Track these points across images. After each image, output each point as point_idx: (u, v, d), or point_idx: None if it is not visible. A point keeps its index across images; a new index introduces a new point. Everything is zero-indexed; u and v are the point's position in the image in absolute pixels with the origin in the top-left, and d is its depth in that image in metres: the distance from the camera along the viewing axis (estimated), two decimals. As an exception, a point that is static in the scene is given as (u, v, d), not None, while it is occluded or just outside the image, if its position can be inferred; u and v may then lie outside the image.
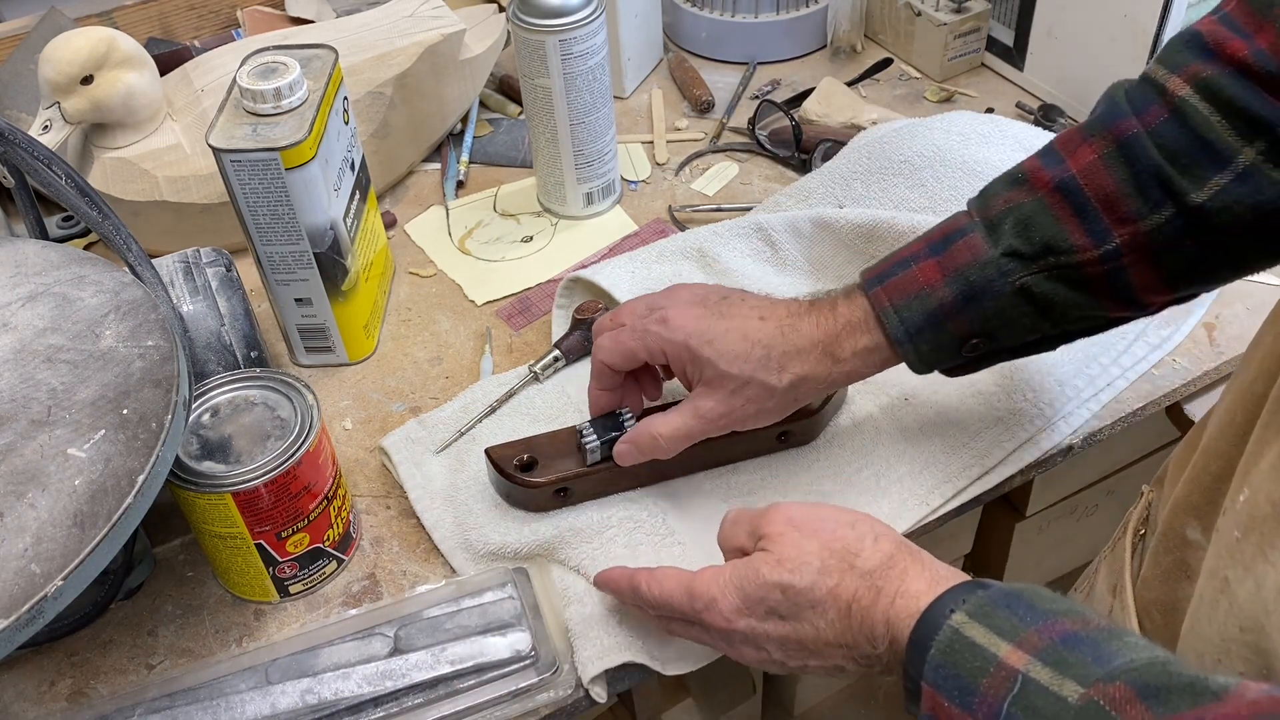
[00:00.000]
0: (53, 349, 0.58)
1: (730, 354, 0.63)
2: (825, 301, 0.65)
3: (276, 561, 0.66)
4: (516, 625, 0.65)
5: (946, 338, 0.62)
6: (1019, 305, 0.60)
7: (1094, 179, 0.58)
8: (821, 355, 0.64)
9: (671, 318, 0.65)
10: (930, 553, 0.55)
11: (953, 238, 0.62)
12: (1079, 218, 0.58)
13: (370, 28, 0.98)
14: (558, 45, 0.85)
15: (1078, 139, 0.60)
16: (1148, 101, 0.57)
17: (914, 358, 0.63)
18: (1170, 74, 0.57)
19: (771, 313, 0.65)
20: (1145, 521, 0.68)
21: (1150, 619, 0.62)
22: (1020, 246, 0.59)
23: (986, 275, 0.60)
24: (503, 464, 0.70)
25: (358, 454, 0.78)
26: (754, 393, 0.64)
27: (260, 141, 0.72)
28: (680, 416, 0.66)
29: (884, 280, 0.63)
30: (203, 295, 0.75)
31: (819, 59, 1.16)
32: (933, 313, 0.61)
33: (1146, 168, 0.57)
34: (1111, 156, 0.58)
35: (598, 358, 0.68)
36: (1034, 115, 1.04)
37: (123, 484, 0.53)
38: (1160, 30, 0.92)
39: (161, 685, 0.63)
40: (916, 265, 0.62)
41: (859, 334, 0.63)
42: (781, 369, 0.63)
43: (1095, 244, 0.58)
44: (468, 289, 0.91)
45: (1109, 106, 0.60)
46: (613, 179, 0.96)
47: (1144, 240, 0.58)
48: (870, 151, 0.88)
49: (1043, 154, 0.62)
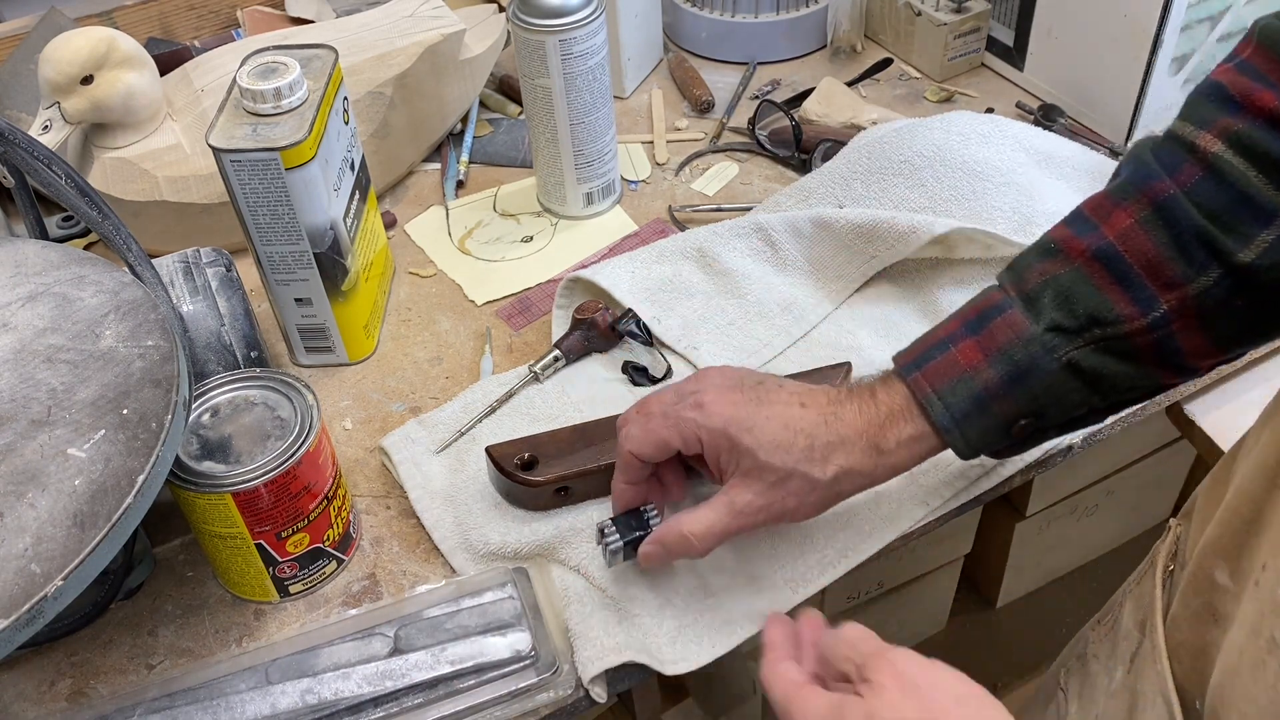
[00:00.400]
0: (53, 349, 0.58)
1: (771, 443, 0.59)
2: (864, 388, 0.62)
3: (276, 561, 0.66)
4: (516, 625, 0.65)
5: (994, 420, 0.59)
6: (1067, 381, 0.57)
7: (1133, 244, 0.56)
8: (866, 447, 0.60)
9: (708, 403, 0.61)
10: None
11: (989, 315, 0.59)
12: (1121, 286, 0.56)
13: (370, 28, 0.98)
14: (558, 45, 0.85)
15: (1109, 204, 0.57)
16: (1178, 160, 0.55)
17: (961, 444, 0.60)
18: (1199, 130, 0.55)
19: (812, 399, 0.61)
20: (1174, 557, 0.66)
21: (1179, 661, 0.60)
22: (1063, 320, 0.57)
23: (1031, 353, 0.57)
24: (503, 462, 0.70)
25: (358, 454, 0.78)
26: (796, 486, 0.60)
27: (260, 141, 0.72)
28: (713, 512, 0.61)
29: (922, 365, 0.60)
30: (203, 295, 0.75)
31: (819, 59, 1.16)
32: (978, 396, 0.58)
33: (1188, 229, 0.54)
34: (1149, 220, 0.55)
35: (625, 448, 0.63)
36: (1034, 115, 1.04)
37: (123, 484, 0.53)
38: (1160, 30, 0.92)
39: (161, 685, 0.63)
40: (955, 347, 0.59)
41: (902, 422, 0.60)
42: (826, 460, 0.59)
43: (1142, 312, 0.56)
44: (468, 289, 0.91)
45: (1136, 168, 0.57)
46: (613, 179, 0.96)
47: (1192, 304, 0.55)
48: (870, 151, 0.88)
49: (1071, 222, 0.59)
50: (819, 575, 0.68)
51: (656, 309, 0.82)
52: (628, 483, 0.65)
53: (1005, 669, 1.34)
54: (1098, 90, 1.00)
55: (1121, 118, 0.99)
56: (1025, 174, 0.84)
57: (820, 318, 0.83)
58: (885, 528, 0.70)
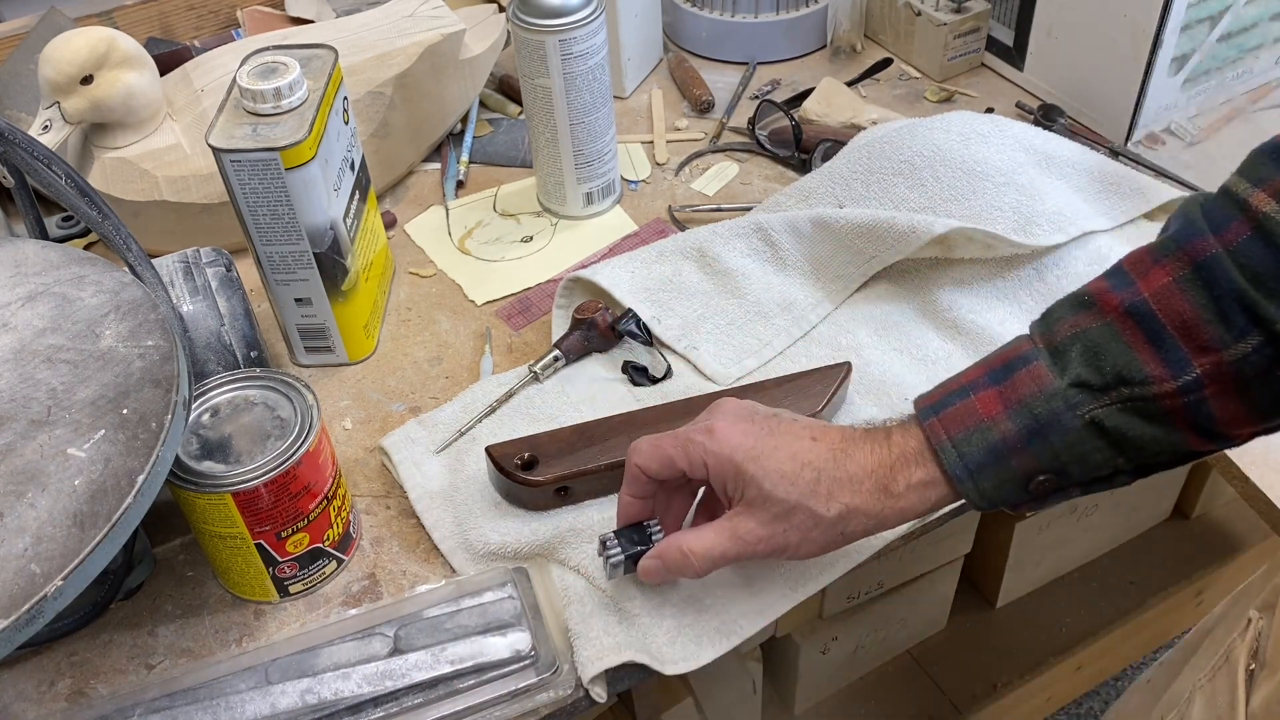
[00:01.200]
0: (53, 349, 0.58)
1: (777, 474, 0.59)
2: (880, 430, 0.61)
3: (276, 561, 0.66)
4: (516, 625, 0.65)
5: (1010, 474, 0.57)
6: (1090, 440, 0.55)
7: (1168, 303, 0.53)
8: (874, 488, 0.59)
9: (718, 429, 0.61)
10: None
11: (1015, 365, 0.57)
12: (1153, 345, 0.54)
13: (370, 28, 0.98)
14: (558, 45, 0.85)
15: (1148, 260, 0.55)
16: (1228, 218, 0.53)
17: (975, 495, 0.58)
18: (1253, 188, 0.52)
19: (824, 435, 0.61)
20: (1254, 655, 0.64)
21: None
22: (1089, 376, 0.55)
23: (1053, 408, 0.55)
24: (503, 462, 0.70)
25: (358, 454, 0.78)
26: (799, 520, 0.59)
27: (260, 141, 0.72)
28: (715, 534, 0.60)
29: (939, 411, 0.59)
30: (203, 295, 0.75)
31: (819, 59, 1.16)
32: (994, 447, 0.57)
33: (1228, 291, 0.52)
34: (1187, 279, 0.53)
35: (633, 461, 0.63)
36: (1034, 115, 1.04)
37: (123, 484, 0.53)
38: (1160, 30, 0.92)
39: (161, 685, 0.63)
40: (975, 395, 0.58)
41: (913, 466, 0.59)
42: (830, 497, 0.59)
43: (1173, 374, 0.53)
44: (468, 289, 0.91)
45: (1184, 224, 0.55)
46: (613, 179, 0.96)
47: (1228, 370, 0.53)
48: (870, 151, 0.88)
49: (1110, 275, 0.57)
50: (818, 575, 0.68)
51: (656, 309, 0.82)
52: (633, 495, 0.65)
53: (1005, 669, 1.34)
54: (1098, 90, 1.00)
55: (1121, 118, 0.99)
56: (1025, 174, 0.84)
57: (820, 318, 0.83)
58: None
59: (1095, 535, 1.37)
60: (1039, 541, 1.30)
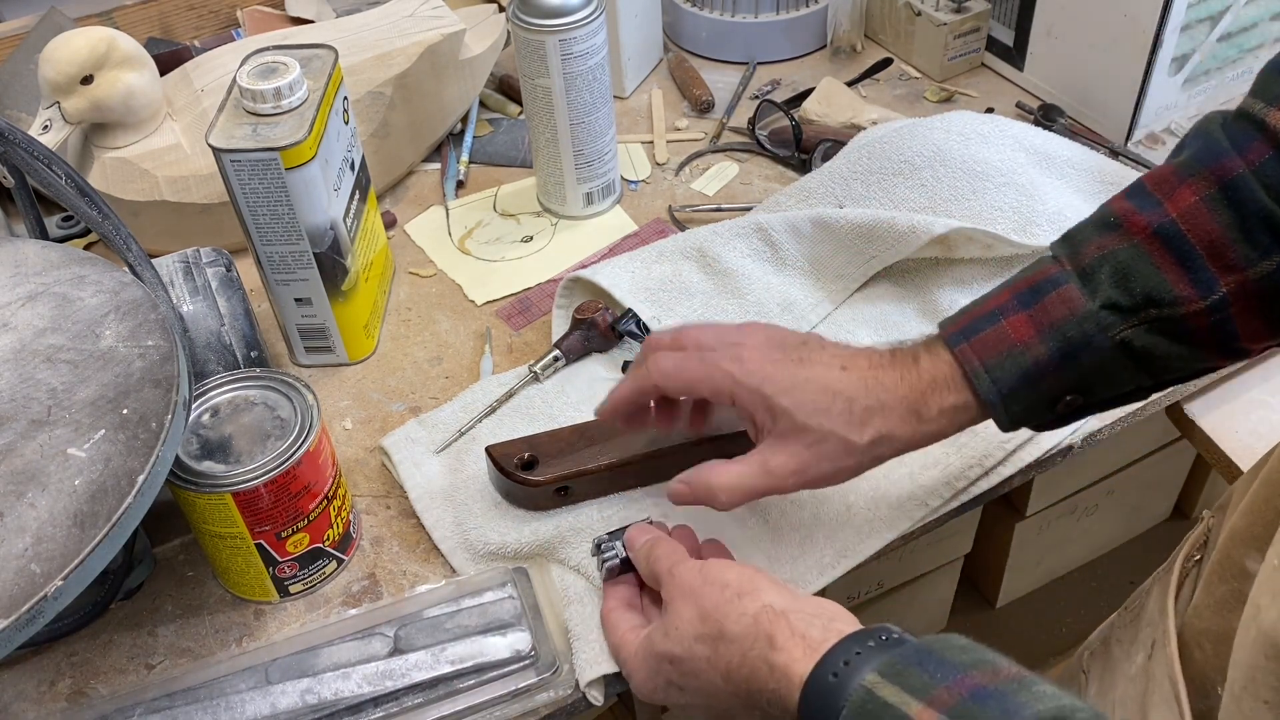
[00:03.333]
0: (53, 349, 0.58)
1: (810, 405, 0.58)
2: (905, 353, 0.60)
3: (276, 561, 0.66)
4: (516, 625, 0.65)
5: (1040, 397, 0.58)
6: (1118, 360, 0.56)
7: (1197, 224, 0.54)
8: (906, 413, 0.59)
9: (748, 358, 0.60)
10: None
11: (1043, 288, 0.57)
12: (1182, 266, 0.54)
13: (370, 28, 0.98)
14: (558, 45, 0.85)
15: (1174, 180, 0.55)
16: (1247, 138, 0.53)
17: (1005, 418, 0.59)
18: (1270, 108, 0.53)
19: (853, 363, 0.60)
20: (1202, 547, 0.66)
21: (1201, 649, 0.60)
22: (1119, 298, 0.55)
23: (1085, 330, 0.56)
24: (503, 462, 0.70)
25: (358, 454, 0.78)
26: (831, 449, 0.59)
27: (260, 141, 0.72)
28: (746, 468, 0.60)
29: (970, 336, 0.58)
30: (203, 295, 0.75)
31: (819, 59, 1.16)
32: (1027, 372, 0.57)
33: (1255, 211, 0.53)
34: (1214, 199, 0.54)
35: (651, 377, 0.62)
36: (1034, 115, 1.04)
37: (123, 484, 0.53)
38: (1160, 30, 0.92)
39: (161, 685, 0.63)
40: (1006, 319, 0.58)
41: (945, 391, 0.58)
42: (864, 424, 0.58)
43: (1201, 295, 0.54)
44: (468, 289, 0.91)
45: (1206, 143, 0.55)
46: (613, 179, 0.96)
47: (1252, 288, 0.54)
48: (870, 151, 0.88)
49: (1133, 195, 0.57)
50: (818, 577, 0.68)
51: (656, 309, 0.82)
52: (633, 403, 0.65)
53: (1005, 669, 1.34)
54: (1098, 90, 1.00)
55: (1121, 118, 0.99)
56: (1025, 174, 0.84)
57: (820, 318, 0.83)
58: (885, 528, 0.70)
59: (1095, 535, 1.37)
60: (1039, 541, 1.30)
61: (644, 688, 0.58)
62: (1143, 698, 0.64)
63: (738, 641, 0.52)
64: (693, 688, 0.55)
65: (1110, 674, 0.72)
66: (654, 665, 0.57)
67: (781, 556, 0.69)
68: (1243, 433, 0.81)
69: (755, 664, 0.51)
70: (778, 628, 0.52)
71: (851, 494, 0.71)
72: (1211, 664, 0.59)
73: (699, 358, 0.61)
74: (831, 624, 0.51)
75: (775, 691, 0.50)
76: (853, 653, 0.48)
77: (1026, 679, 0.44)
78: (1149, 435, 1.22)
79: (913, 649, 0.47)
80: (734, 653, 0.52)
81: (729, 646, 0.53)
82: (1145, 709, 0.64)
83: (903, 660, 0.47)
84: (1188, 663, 0.61)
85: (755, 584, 0.55)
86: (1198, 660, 0.60)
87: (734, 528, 0.70)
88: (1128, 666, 0.69)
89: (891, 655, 0.47)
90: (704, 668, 0.54)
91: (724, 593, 0.55)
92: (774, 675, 0.50)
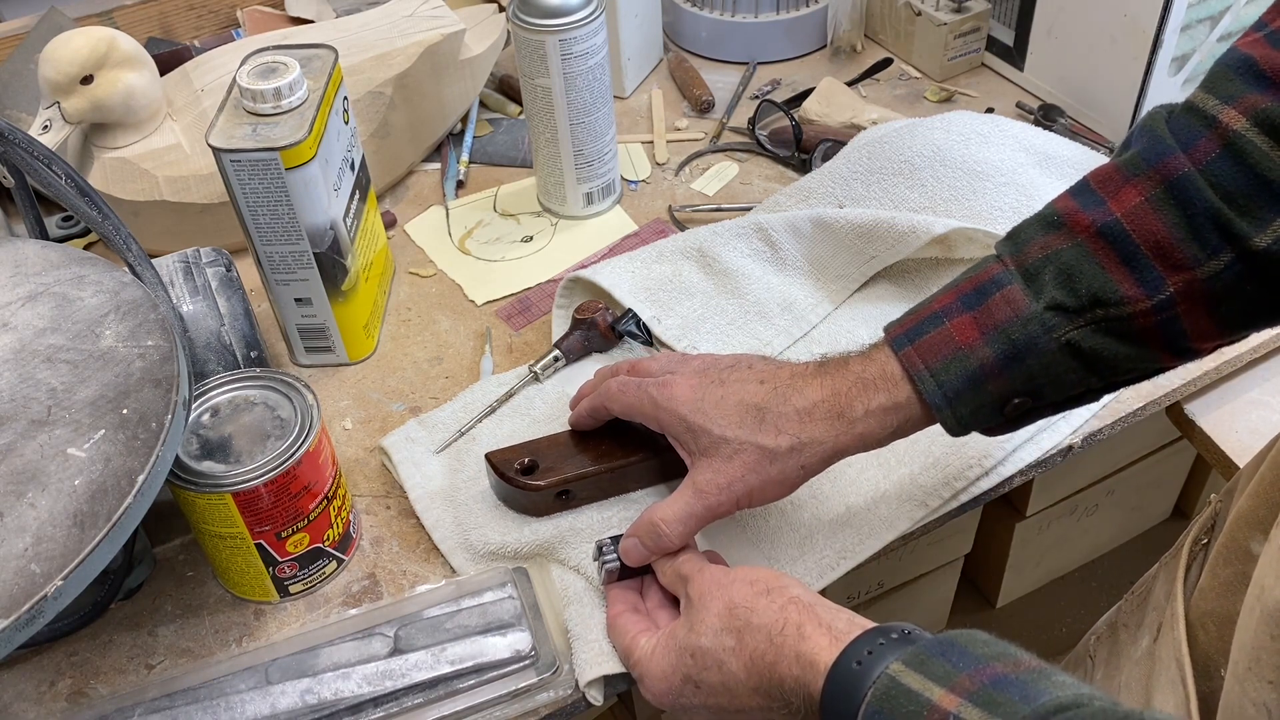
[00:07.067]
0: (53, 349, 0.58)
1: (722, 419, 0.60)
2: (836, 361, 0.61)
3: (276, 561, 0.66)
4: (516, 625, 0.65)
5: (987, 399, 0.57)
6: (1065, 361, 0.56)
7: (1142, 224, 0.53)
8: (827, 415, 0.59)
9: (674, 383, 0.63)
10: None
11: (987, 290, 0.57)
12: (1127, 266, 0.54)
13: (370, 28, 0.98)
14: (558, 45, 0.85)
15: (1118, 178, 0.55)
16: (1194, 135, 0.53)
17: (952, 422, 0.58)
18: (1222, 105, 0.52)
19: (773, 376, 0.61)
20: (1209, 531, 0.66)
21: (1205, 630, 0.60)
22: (1064, 299, 0.55)
23: (1030, 332, 0.55)
24: (504, 468, 0.70)
25: (358, 454, 0.78)
26: (751, 459, 0.60)
27: (260, 141, 0.72)
28: (681, 497, 0.62)
29: (915, 339, 0.58)
30: (203, 295, 0.75)
31: (819, 59, 1.16)
32: (973, 374, 0.56)
33: (1202, 210, 0.52)
34: (1160, 199, 0.53)
35: (601, 399, 0.66)
36: (1034, 115, 1.04)
37: (123, 484, 0.53)
38: (1160, 30, 0.92)
39: (161, 685, 0.63)
40: (950, 321, 0.57)
41: (873, 392, 0.59)
42: (779, 430, 0.59)
43: (1147, 295, 0.54)
44: (468, 289, 0.91)
45: (1150, 141, 0.54)
46: (613, 179, 0.96)
47: (1200, 288, 0.53)
48: (870, 151, 0.88)
49: (1077, 193, 0.57)
50: (817, 578, 0.68)
51: (656, 309, 0.82)
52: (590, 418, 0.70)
53: (1005, 669, 1.34)
54: (1098, 90, 1.00)
55: (1121, 118, 0.99)
56: (1025, 174, 0.84)
57: (820, 318, 0.83)
58: (884, 529, 0.70)
59: (1095, 535, 1.37)
60: (1039, 541, 1.30)
61: (657, 687, 0.58)
62: (1147, 680, 0.65)
63: (765, 630, 0.53)
64: (710, 683, 0.55)
65: (1116, 658, 0.72)
66: (674, 661, 0.57)
67: (782, 558, 0.69)
68: (1242, 433, 0.81)
69: (781, 651, 0.52)
70: (806, 618, 0.53)
71: (851, 495, 0.72)
72: (1215, 646, 0.59)
73: (636, 384, 0.64)
74: (854, 619, 0.53)
75: (798, 679, 0.51)
76: (876, 643, 0.49)
77: (1046, 669, 0.45)
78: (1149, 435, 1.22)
79: (935, 642, 0.48)
80: (760, 640, 0.53)
81: (755, 635, 0.54)
82: (1150, 691, 0.64)
83: (926, 651, 0.47)
84: (1192, 645, 0.62)
85: (782, 580, 0.56)
86: (1202, 642, 0.60)
87: (734, 530, 0.70)
88: (1133, 650, 0.69)
89: (915, 647, 0.48)
90: (728, 658, 0.54)
91: (753, 587, 0.56)
92: (799, 663, 0.51)
